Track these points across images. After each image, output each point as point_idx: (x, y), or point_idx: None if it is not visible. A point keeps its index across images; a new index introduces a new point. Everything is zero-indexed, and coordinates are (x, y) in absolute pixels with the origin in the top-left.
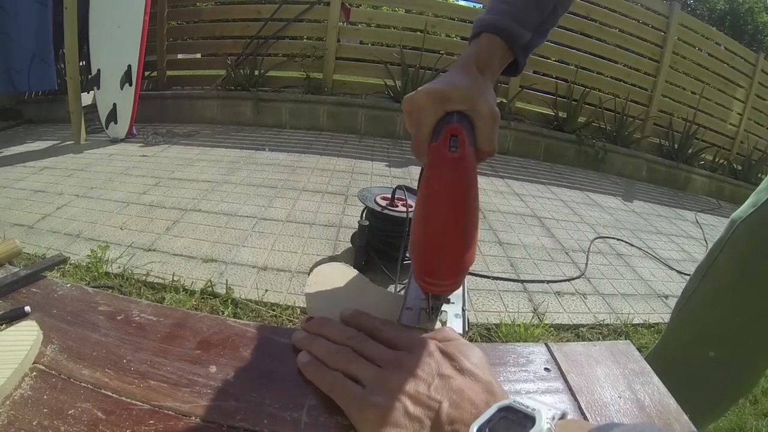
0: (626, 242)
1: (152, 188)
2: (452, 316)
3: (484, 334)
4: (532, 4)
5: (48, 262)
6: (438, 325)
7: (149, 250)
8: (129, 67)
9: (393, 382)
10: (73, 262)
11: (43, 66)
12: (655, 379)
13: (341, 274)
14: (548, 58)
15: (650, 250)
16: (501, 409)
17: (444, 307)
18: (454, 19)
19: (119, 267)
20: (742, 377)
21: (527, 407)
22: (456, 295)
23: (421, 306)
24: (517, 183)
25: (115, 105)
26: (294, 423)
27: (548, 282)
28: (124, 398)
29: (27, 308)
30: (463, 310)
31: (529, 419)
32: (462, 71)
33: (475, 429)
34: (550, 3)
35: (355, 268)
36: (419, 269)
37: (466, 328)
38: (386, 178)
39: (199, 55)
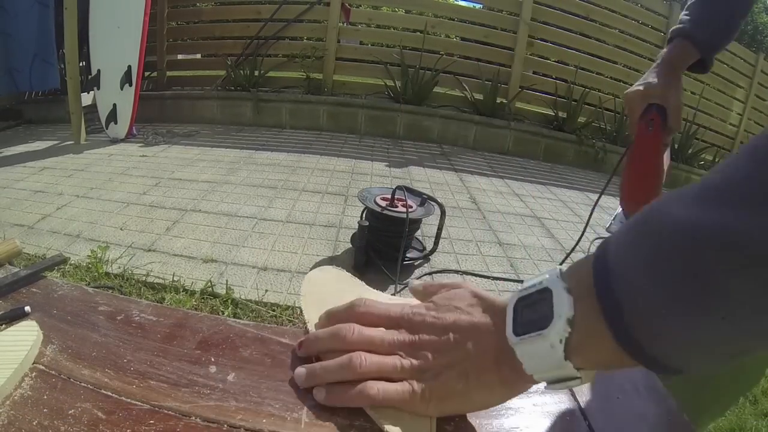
0: None
1: (152, 188)
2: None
3: None
4: (712, 11)
5: (48, 262)
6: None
7: (149, 250)
8: (129, 67)
9: (421, 359)
10: (73, 262)
11: (45, 66)
12: (655, 378)
13: (334, 279)
14: (548, 59)
15: None
16: (519, 301)
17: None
18: (453, 20)
19: (119, 267)
20: (741, 377)
21: (534, 285)
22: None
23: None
24: (517, 183)
25: (115, 105)
26: (294, 423)
27: None
28: (124, 398)
29: (27, 308)
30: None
31: (545, 292)
32: (661, 71)
33: (512, 336)
34: (728, 9)
35: (355, 268)
36: (632, 199)
37: None
38: (386, 179)
39: (199, 56)
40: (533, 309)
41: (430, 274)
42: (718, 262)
